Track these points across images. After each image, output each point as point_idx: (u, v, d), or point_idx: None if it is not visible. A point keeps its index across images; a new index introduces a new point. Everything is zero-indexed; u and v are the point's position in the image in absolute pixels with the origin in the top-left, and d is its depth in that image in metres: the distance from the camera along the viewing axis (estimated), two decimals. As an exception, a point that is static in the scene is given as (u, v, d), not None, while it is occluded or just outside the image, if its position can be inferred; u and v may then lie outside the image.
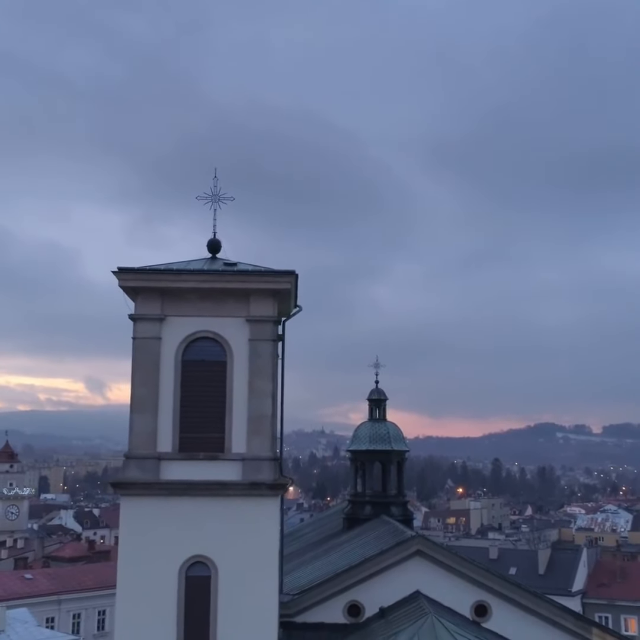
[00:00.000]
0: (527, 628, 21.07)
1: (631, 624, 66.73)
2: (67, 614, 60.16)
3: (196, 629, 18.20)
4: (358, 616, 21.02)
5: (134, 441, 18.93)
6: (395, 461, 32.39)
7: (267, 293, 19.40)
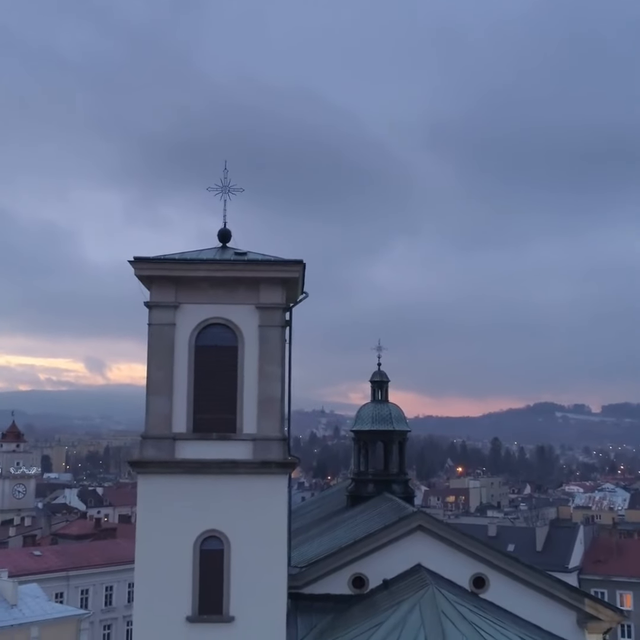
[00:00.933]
0: (522, 599, 22.06)
1: (626, 599, 68.21)
2: (75, 589, 61.64)
3: (210, 599, 19.25)
4: (362, 588, 22.04)
5: (151, 422, 19.97)
6: (397, 441, 33.46)
7: (276, 281, 20.31)
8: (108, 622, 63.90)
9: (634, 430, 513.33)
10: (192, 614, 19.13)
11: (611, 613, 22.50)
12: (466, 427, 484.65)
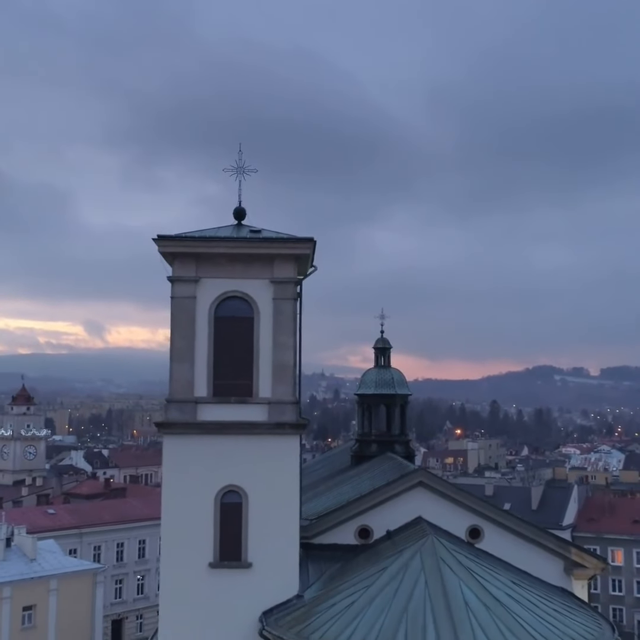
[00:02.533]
0: (514, 548, 23.95)
1: (617, 555, 70.94)
2: (88, 546, 64.09)
3: (230, 547, 21.20)
4: (367, 538, 23.95)
5: (174, 387, 21.71)
6: (399, 404, 35.32)
7: (289, 257, 21.96)
8: (119, 577, 66.49)
9: (632, 393, 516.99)
10: (214, 560, 21.09)
11: (595, 561, 24.52)
12: (465, 390, 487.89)
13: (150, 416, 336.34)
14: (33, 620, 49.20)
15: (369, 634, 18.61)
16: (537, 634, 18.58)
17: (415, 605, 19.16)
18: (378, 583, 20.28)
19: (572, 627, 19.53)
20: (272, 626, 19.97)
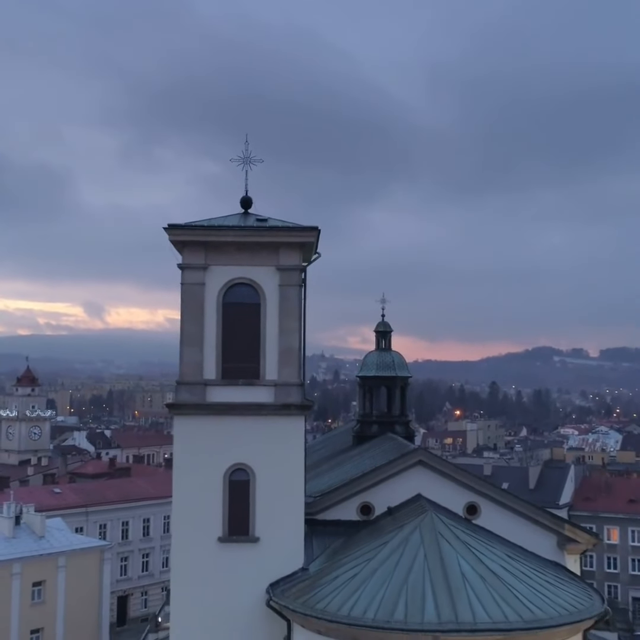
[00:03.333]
0: (510, 524, 24.91)
1: (613, 533, 72.39)
2: (94, 524, 65.43)
3: (238, 522, 22.19)
4: (369, 514, 24.94)
5: (184, 370, 22.63)
6: (399, 386, 36.35)
7: (294, 246, 22.82)
8: (125, 555, 67.90)
9: (631, 374, 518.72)
10: (223, 535, 22.09)
11: (587, 536, 25.55)
12: (465, 372, 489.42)
13: (151, 397, 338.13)
14: (42, 595, 50.54)
15: (371, 603, 19.63)
16: (530, 603, 19.58)
17: (414, 577, 20.16)
18: (379, 556, 21.28)
19: (563, 597, 20.53)
20: (278, 597, 20.99)
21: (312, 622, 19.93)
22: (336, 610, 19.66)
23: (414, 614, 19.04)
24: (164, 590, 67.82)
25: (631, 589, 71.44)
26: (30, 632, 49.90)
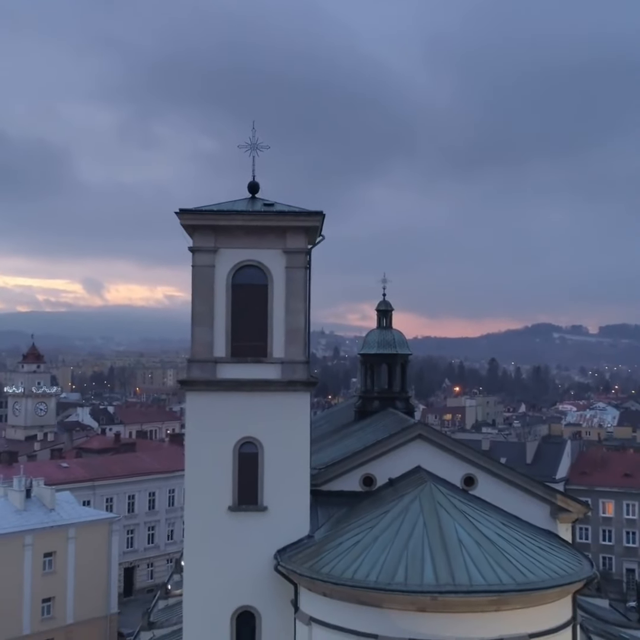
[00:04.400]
0: (505, 495, 26.12)
1: (608, 507, 74.05)
2: (101, 498, 67.03)
3: (247, 492, 23.43)
4: (371, 485, 26.16)
5: (196, 348, 23.77)
6: (399, 363, 37.53)
7: (300, 230, 23.86)
8: (131, 527, 69.59)
9: (630, 350, 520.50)
10: (233, 504, 23.33)
11: (579, 506, 26.83)
12: (464, 348, 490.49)
13: (151, 374, 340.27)
14: (53, 566, 52.13)
15: (373, 567, 20.90)
16: (523, 567, 20.86)
17: (414, 543, 21.42)
18: (381, 524, 22.54)
19: (554, 562, 21.81)
20: (286, 562, 22.28)
21: (318, 585, 21.22)
22: (340, 573, 20.93)
23: (413, 577, 20.32)
24: (170, 562, 69.63)
25: (625, 561, 73.21)
26: (42, 601, 51.58)
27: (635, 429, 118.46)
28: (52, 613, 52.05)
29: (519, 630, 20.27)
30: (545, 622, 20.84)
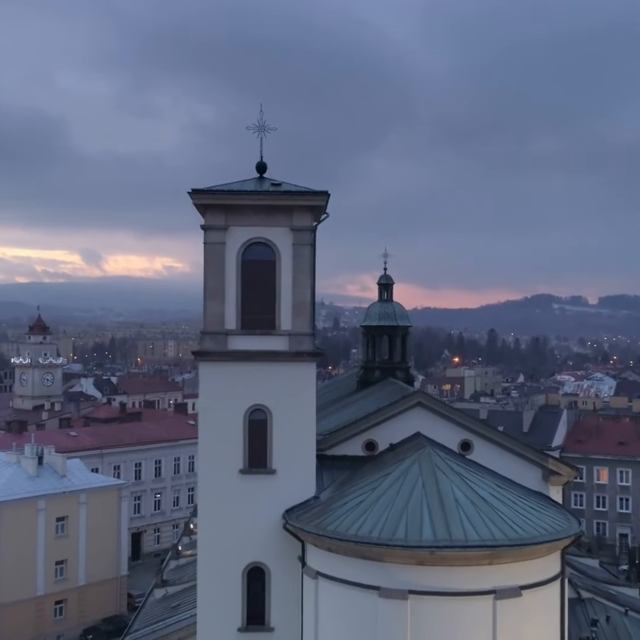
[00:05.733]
0: (499, 459, 27.57)
1: (602, 474, 75.94)
2: (109, 465, 68.88)
3: (257, 456, 24.83)
4: (373, 450, 27.63)
5: (208, 321, 25.10)
6: (400, 335, 38.96)
7: (306, 208, 25.08)
8: (138, 494, 71.55)
9: (629, 321, 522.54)
10: (244, 467, 24.75)
11: (569, 469, 28.39)
12: (463, 319, 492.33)
13: (152, 345, 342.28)
14: (65, 529, 54.08)
15: (376, 525, 22.43)
16: (515, 524, 22.39)
17: (414, 503, 22.94)
18: (383, 485, 24.05)
19: (545, 520, 23.35)
20: (294, 521, 23.79)
21: (324, 542, 22.75)
22: (345, 530, 22.46)
23: (413, 533, 21.84)
24: (175, 527, 71.73)
25: (618, 526, 75.26)
26: (55, 563, 53.62)
27: (631, 399, 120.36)
28: (65, 575, 54.13)
29: (510, 582, 21.77)
30: (535, 575, 22.37)
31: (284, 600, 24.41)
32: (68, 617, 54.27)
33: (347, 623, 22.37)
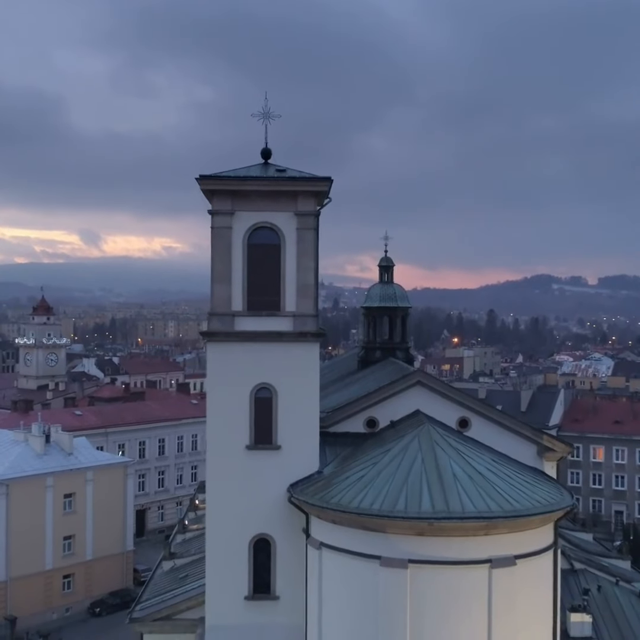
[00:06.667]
0: (496, 436, 28.56)
1: (598, 452, 77.20)
2: (113, 444, 70.09)
3: (263, 433, 25.87)
4: (374, 427, 28.60)
5: (215, 303, 26.02)
6: (400, 315, 39.92)
7: (310, 194, 25.94)
8: (142, 472, 72.79)
9: (629, 301, 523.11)
10: (250, 443, 25.79)
11: (563, 446, 29.43)
12: (463, 299, 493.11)
13: (153, 325, 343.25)
14: (73, 506, 55.35)
15: (377, 497, 23.47)
16: (510, 497, 23.44)
17: (413, 477, 23.97)
18: (383, 460, 25.07)
19: (538, 493, 24.40)
20: (298, 494, 24.84)
21: (328, 514, 23.82)
22: (348, 503, 23.51)
23: (412, 505, 22.90)
24: (179, 504, 73.05)
25: (613, 503, 76.62)
26: (63, 538, 54.93)
27: (628, 378, 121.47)
28: (72, 550, 55.46)
29: (505, 552, 22.83)
30: (529, 546, 23.45)
31: (289, 570, 25.53)
32: (76, 591, 55.71)
33: (349, 591, 23.46)
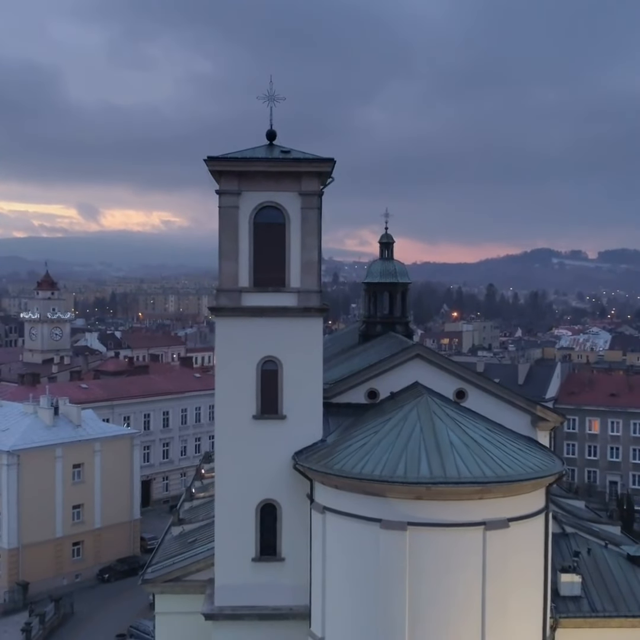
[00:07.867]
0: (492, 406, 29.73)
1: (594, 424, 78.73)
2: (119, 416, 71.56)
3: (269, 403, 27.10)
4: (375, 398, 29.77)
5: (223, 279, 27.15)
6: (400, 291, 41.05)
7: (313, 174, 26.96)
8: (147, 444, 74.37)
9: (629, 276, 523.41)
10: (257, 413, 27.03)
11: (555, 416, 30.70)
12: (462, 274, 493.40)
13: (153, 300, 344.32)
14: (82, 476, 56.98)
15: (378, 464, 24.75)
16: (504, 463, 24.74)
17: (412, 444, 25.25)
18: (384, 429, 26.33)
19: (531, 460, 25.70)
20: (303, 461, 26.11)
21: (331, 479, 25.11)
22: (350, 469, 24.79)
23: (411, 471, 24.18)
24: (183, 475, 74.72)
25: (608, 474, 78.27)
26: (72, 507, 56.62)
27: (625, 352, 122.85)
28: (81, 518, 57.16)
29: (499, 515, 24.13)
30: (522, 509, 24.77)
31: (294, 533, 26.89)
32: (85, 558, 57.49)
33: (351, 552, 24.80)
